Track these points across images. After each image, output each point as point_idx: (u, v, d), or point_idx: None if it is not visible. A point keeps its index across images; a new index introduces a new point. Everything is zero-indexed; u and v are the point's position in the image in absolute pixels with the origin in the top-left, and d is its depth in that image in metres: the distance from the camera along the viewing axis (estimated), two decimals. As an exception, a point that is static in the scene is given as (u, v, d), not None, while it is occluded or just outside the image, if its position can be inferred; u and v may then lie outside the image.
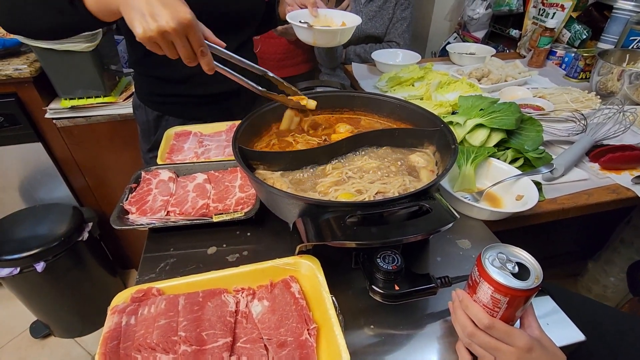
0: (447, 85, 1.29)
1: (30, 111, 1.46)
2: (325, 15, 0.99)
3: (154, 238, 0.74)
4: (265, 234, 0.76)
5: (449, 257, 0.71)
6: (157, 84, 1.05)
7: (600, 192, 0.90)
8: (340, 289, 0.62)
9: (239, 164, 0.62)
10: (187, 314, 0.53)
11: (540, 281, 0.47)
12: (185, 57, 0.64)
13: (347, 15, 0.98)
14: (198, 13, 0.85)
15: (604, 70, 1.26)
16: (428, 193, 0.58)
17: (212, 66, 0.68)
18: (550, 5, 1.67)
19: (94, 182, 1.72)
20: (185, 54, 0.63)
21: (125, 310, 0.54)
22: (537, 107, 1.20)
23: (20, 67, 1.34)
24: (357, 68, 1.67)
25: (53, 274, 1.51)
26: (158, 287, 0.57)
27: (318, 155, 0.74)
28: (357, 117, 0.92)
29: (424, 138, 0.78)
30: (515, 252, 0.51)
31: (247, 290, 0.59)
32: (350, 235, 0.50)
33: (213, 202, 0.77)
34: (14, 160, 1.56)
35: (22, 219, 1.57)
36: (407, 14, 1.84)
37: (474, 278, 0.50)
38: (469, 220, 0.79)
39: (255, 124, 0.80)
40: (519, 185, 0.83)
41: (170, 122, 1.09)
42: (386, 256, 0.57)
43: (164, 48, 0.62)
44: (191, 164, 0.87)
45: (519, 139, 0.95)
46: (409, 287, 0.56)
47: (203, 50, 0.64)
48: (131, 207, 0.75)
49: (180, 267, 0.68)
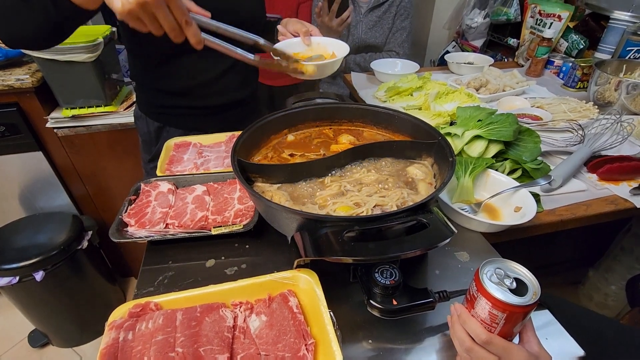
0: (446, 95, 1.30)
1: (31, 120, 1.47)
2: (318, 44, 0.98)
3: (153, 250, 0.74)
4: (264, 246, 0.76)
5: (447, 270, 0.71)
6: (157, 96, 1.06)
7: (599, 203, 0.90)
8: (338, 302, 0.62)
9: (238, 178, 0.62)
10: (184, 330, 0.53)
11: (538, 297, 0.47)
12: (169, 29, 0.62)
13: (337, 43, 0.97)
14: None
15: (601, 80, 1.27)
16: (426, 207, 0.58)
17: (200, 38, 0.65)
18: (547, 15, 1.68)
19: (94, 191, 1.72)
20: (169, 26, 0.61)
21: (122, 325, 0.54)
22: (535, 117, 1.20)
23: (22, 77, 1.36)
24: (356, 77, 1.68)
25: (52, 282, 1.51)
26: (156, 302, 0.57)
27: (316, 167, 0.74)
28: (356, 128, 0.92)
29: (422, 150, 0.78)
30: (513, 267, 0.51)
31: (245, 305, 0.59)
32: (348, 250, 0.50)
33: (212, 214, 0.77)
34: (15, 169, 1.57)
35: (22, 227, 1.57)
36: (407, 24, 1.86)
37: (472, 293, 0.50)
38: (467, 233, 0.79)
39: (255, 136, 0.81)
40: (517, 196, 0.83)
41: (171, 133, 1.09)
42: (384, 270, 0.57)
43: (147, 22, 0.60)
44: (190, 176, 0.88)
45: (517, 150, 0.95)
46: (407, 301, 0.56)
47: (187, 19, 0.62)
48: (130, 219, 0.75)
49: (179, 281, 0.68)
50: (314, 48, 0.98)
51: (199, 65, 1.00)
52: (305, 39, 0.98)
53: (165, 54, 0.97)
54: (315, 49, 0.98)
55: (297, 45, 0.98)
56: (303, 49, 0.98)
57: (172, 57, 0.97)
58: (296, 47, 0.98)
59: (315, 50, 0.97)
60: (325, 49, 0.98)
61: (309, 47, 0.98)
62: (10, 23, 0.69)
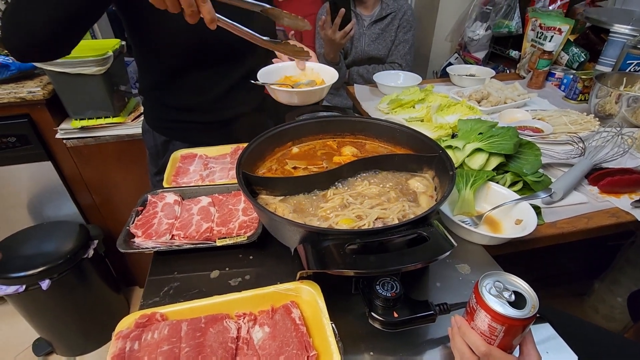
0: (447, 108, 1.32)
1: (41, 131, 1.51)
2: (312, 69, 1.01)
3: (159, 261, 0.76)
4: (268, 258, 0.77)
5: (448, 282, 0.71)
6: (164, 111, 1.09)
7: (600, 215, 0.91)
8: (340, 314, 0.63)
9: (242, 191, 0.64)
10: (189, 340, 0.54)
11: (537, 310, 0.48)
12: (186, 4, 0.64)
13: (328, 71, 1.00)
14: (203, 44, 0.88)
15: (602, 92, 1.28)
16: (426, 220, 0.60)
17: (214, 16, 0.68)
18: (547, 28, 1.71)
19: (100, 200, 1.75)
20: (187, 2, 0.64)
21: (129, 335, 0.55)
22: (536, 129, 1.21)
23: (33, 89, 1.39)
24: (359, 90, 1.71)
25: (58, 291, 1.53)
26: (162, 312, 0.58)
27: (319, 180, 0.76)
28: (358, 140, 0.94)
29: (423, 163, 0.80)
30: (512, 281, 0.52)
31: (248, 316, 0.60)
32: (350, 263, 0.51)
33: (217, 225, 0.79)
34: (24, 179, 1.60)
35: (29, 236, 1.59)
36: (409, 37, 1.89)
37: (472, 305, 0.51)
38: (468, 245, 0.80)
39: (259, 148, 0.82)
40: (518, 209, 0.84)
41: (177, 146, 1.12)
42: (385, 283, 0.58)
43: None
44: (196, 187, 0.89)
45: (517, 162, 0.96)
46: (408, 314, 0.56)
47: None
48: (137, 230, 0.76)
49: (184, 291, 0.69)
50: (307, 73, 1.01)
51: (207, 81, 1.02)
52: (300, 63, 1.01)
53: (175, 68, 0.99)
54: (308, 74, 1.01)
55: (291, 69, 1.02)
56: (296, 73, 1.01)
57: (181, 71, 1.00)
58: (289, 71, 1.01)
59: (308, 76, 1.00)
60: (318, 75, 1.01)
61: (303, 71, 1.01)
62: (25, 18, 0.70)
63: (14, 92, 1.38)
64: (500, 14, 2.16)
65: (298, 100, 0.95)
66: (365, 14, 1.89)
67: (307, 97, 0.95)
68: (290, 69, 1.02)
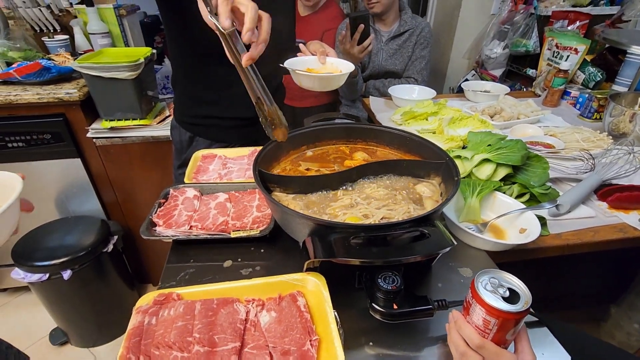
0: (459, 121, 1.35)
1: (74, 130, 1.61)
2: (332, 64, 1.10)
3: (177, 250, 0.81)
4: (277, 252, 0.81)
5: (450, 283, 0.74)
6: (191, 105, 1.16)
7: (607, 230, 0.91)
8: (343, 307, 0.65)
9: (258, 186, 0.69)
10: (202, 318, 0.58)
11: (529, 305, 0.50)
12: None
13: (347, 65, 1.08)
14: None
15: (616, 111, 1.29)
16: (429, 220, 0.63)
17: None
18: (564, 48, 1.73)
19: (122, 198, 1.84)
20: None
21: (148, 311, 0.60)
22: (548, 144, 1.23)
23: (70, 91, 1.50)
24: (375, 102, 1.76)
25: (77, 282, 1.60)
26: (178, 293, 0.63)
27: (330, 181, 0.80)
28: (370, 147, 0.98)
29: (430, 170, 0.83)
30: (506, 278, 0.54)
31: (257, 301, 0.64)
32: (354, 253, 0.55)
33: (232, 219, 0.84)
34: (55, 174, 1.70)
35: (54, 228, 1.68)
36: (426, 53, 1.94)
37: (468, 300, 0.54)
38: (472, 250, 0.82)
39: (275, 150, 0.88)
40: (523, 218, 0.86)
41: (200, 143, 1.19)
42: (387, 277, 0.62)
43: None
44: (214, 184, 0.95)
45: (525, 174, 0.98)
46: (407, 307, 0.59)
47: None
48: (159, 220, 0.82)
49: (198, 277, 0.74)
50: (327, 67, 1.10)
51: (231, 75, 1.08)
52: (321, 58, 1.09)
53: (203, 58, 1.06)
54: (328, 67, 1.09)
55: (313, 62, 1.10)
56: (317, 66, 1.10)
57: (209, 63, 1.06)
58: (311, 64, 1.09)
59: (328, 69, 1.09)
60: (337, 68, 1.09)
61: (324, 65, 1.10)
62: None
63: (53, 93, 1.49)
64: (518, 33, 2.20)
65: (318, 85, 1.02)
66: (384, 30, 1.95)
67: (326, 83, 1.03)
68: (313, 62, 1.10)
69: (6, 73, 1.50)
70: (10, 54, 1.70)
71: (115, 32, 1.91)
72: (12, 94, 1.48)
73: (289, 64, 1.05)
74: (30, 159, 1.64)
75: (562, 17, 1.99)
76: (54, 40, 1.86)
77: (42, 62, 1.52)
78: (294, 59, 1.09)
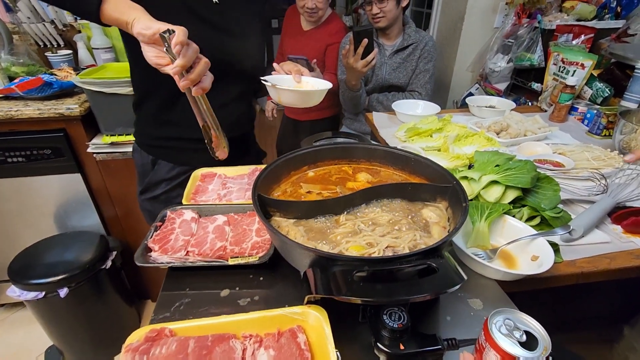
0: (465, 138, 1.32)
1: (74, 145, 1.60)
2: (307, 82, 1.09)
3: (172, 276, 0.78)
4: (277, 280, 0.78)
5: (459, 316, 0.70)
6: (153, 126, 1.12)
7: (624, 256, 0.87)
8: (346, 342, 0.62)
9: (257, 214, 0.66)
10: (195, 358, 0.55)
11: (549, 352, 0.46)
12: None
13: (323, 83, 1.07)
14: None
15: (626, 129, 1.25)
16: (437, 251, 0.59)
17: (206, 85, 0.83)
18: (570, 63, 1.70)
19: (122, 213, 1.82)
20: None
21: (138, 349, 0.56)
22: (557, 163, 1.19)
23: (72, 106, 1.50)
24: (378, 117, 1.73)
25: (74, 300, 1.57)
26: (171, 328, 0.60)
27: (332, 205, 0.77)
28: (373, 167, 0.95)
29: (436, 193, 0.80)
30: (523, 319, 0.50)
31: (254, 337, 0.60)
32: (357, 291, 0.51)
33: (230, 244, 0.81)
34: (54, 189, 1.69)
35: (52, 244, 1.66)
36: (430, 67, 1.93)
37: (481, 343, 0.50)
38: (481, 280, 0.78)
39: (276, 171, 0.85)
40: (535, 245, 0.82)
41: (162, 166, 1.15)
42: (392, 313, 0.58)
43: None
44: (213, 206, 0.92)
45: (535, 197, 0.95)
46: (415, 347, 0.55)
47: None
48: (154, 245, 0.79)
49: (194, 308, 0.70)
50: (302, 85, 1.09)
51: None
52: (296, 76, 1.08)
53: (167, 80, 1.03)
54: (303, 86, 1.08)
55: (288, 81, 1.09)
56: (293, 85, 1.08)
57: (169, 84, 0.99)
58: (286, 82, 1.08)
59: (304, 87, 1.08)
60: (313, 87, 1.08)
61: (299, 84, 1.08)
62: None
63: (54, 108, 1.48)
64: (523, 47, 2.18)
65: (300, 101, 1.02)
66: (388, 44, 1.94)
67: (308, 98, 1.02)
68: (288, 81, 1.09)
69: (8, 89, 1.50)
70: (14, 69, 1.70)
71: (119, 46, 1.91)
72: (13, 109, 1.47)
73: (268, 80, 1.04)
74: (30, 174, 1.63)
75: (566, 31, 1.97)
76: (57, 55, 1.87)
77: (44, 77, 1.52)
78: (270, 77, 1.08)
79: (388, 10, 1.76)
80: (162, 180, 1.18)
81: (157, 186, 1.20)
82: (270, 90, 1.04)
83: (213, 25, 1.01)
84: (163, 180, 1.18)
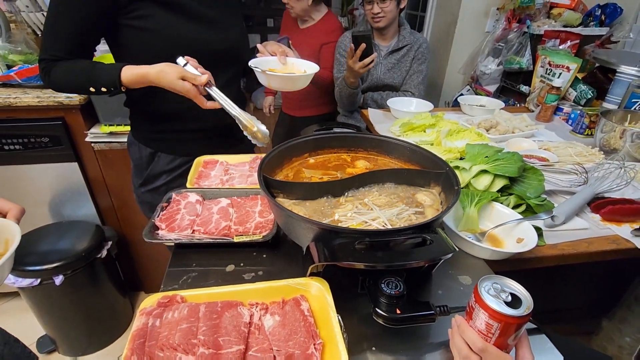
0: (457, 133, 1.38)
1: (72, 134, 1.61)
2: (292, 64, 1.10)
3: (179, 254, 0.81)
4: (279, 257, 0.82)
5: (449, 291, 0.75)
6: (151, 121, 1.12)
7: (601, 241, 0.94)
8: (346, 312, 0.66)
9: (262, 191, 0.70)
10: (206, 321, 0.58)
11: (531, 310, 0.51)
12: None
13: (309, 65, 1.08)
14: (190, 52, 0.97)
15: (607, 128, 1.33)
16: (431, 227, 0.64)
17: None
18: (556, 66, 1.79)
19: (119, 203, 1.82)
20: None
21: (152, 312, 0.59)
22: (542, 158, 1.26)
23: (72, 95, 1.51)
24: (373, 113, 1.79)
25: (69, 288, 1.58)
26: (182, 295, 0.63)
27: (333, 187, 0.81)
28: (371, 156, 1.00)
29: (430, 179, 0.85)
30: (509, 284, 0.55)
31: (260, 305, 0.64)
32: (359, 257, 0.56)
33: (234, 224, 0.84)
34: (50, 178, 1.69)
35: (48, 233, 1.66)
36: (423, 68, 1.99)
37: (471, 304, 0.55)
38: (470, 259, 0.84)
39: (279, 156, 0.89)
40: (520, 229, 0.88)
41: (162, 158, 1.15)
42: (390, 282, 0.62)
43: None
44: (217, 190, 0.96)
45: (521, 186, 1.01)
46: (410, 312, 0.60)
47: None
48: (161, 223, 0.82)
49: (201, 281, 0.74)
50: (288, 67, 1.10)
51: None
52: (281, 58, 1.09)
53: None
54: (289, 67, 1.10)
55: (273, 62, 1.10)
56: (278, 67, 1.10)
57: None
58: (272, 64, 1.09)
59: (289, 69, 1.09)
60: (299, 68, 1.09)
61: (284, 65, 1.10)
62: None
63: (53, 97, 1.49)
64: (512, 50, 2.27)
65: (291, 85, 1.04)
66: (383, 45, 2.00)
67: (298, 82, 1.04)
68: (273, 63, 1.09)
69: (7, 75, 1.51)
70: (11, 57, 1.70)
71: (118, 38, 1.92)
72: (12, 96, 1.48)
73: (255, 63, 1.05)
74: (26, 162, 1.63)
75: (553, 37, 2.06)
76: (55, 45, 1.87)
77: (44, 66, 1.52)
78: (255, 60, 1.08)
79: (389, 10, 1.81)
80: (163, 172, 1.18)
81: (157, 178, 1.19)
82: (260, 76, 1.05)
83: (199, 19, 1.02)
84: (163, 172, 1.18)
